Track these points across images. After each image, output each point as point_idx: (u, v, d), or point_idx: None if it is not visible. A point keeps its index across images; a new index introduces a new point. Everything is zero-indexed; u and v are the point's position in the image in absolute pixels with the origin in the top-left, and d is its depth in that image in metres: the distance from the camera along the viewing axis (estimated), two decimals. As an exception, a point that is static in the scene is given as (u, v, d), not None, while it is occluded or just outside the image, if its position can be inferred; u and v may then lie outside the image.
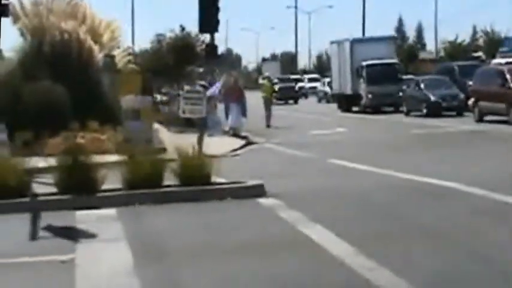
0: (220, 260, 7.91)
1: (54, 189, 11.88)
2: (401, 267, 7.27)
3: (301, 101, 58.62)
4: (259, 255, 8.05)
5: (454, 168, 14.91)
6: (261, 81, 38.08)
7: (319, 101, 56.88)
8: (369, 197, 11.79)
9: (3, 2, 19.01)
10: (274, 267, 7.58)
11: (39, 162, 12.27)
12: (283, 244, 8.62)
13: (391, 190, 12.31)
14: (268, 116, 31.66)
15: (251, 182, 12.33)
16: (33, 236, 9.63)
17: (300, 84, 66.36)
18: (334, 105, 43.79)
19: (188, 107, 16.80)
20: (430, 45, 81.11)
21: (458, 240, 8.42)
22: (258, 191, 11.94)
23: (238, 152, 20.67)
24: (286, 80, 63.00)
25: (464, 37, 75.36)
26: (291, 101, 57.07)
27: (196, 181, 12.00)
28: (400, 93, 35.89)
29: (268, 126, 30.66)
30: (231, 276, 7.33)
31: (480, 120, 27.92)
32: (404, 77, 40.12)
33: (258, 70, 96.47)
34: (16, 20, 23.52)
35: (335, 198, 11.85)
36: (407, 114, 34.17)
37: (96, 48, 24.09)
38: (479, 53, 57.19)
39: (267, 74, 41.56)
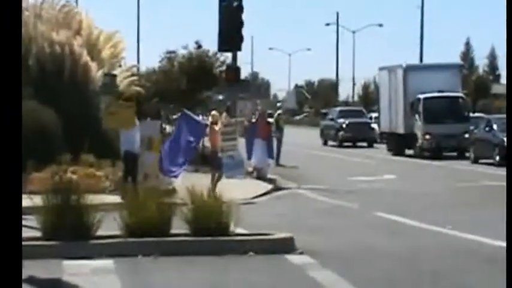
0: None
1: (38, 234, 12.19)
2: None
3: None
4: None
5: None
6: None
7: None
8: (420, 260, 12.00)
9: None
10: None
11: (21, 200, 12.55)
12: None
13: (446, 253, 12.54)
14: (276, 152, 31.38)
15: (278, 235, 12.56)
16: (13, 289, 9.90)
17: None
18: (382, 147, 43.95)
19: (226, 144, 17.56)
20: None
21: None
22: (287, 246, 12.17)
23: (264, 198, 20.94)
24: (355, 114, 52.53)
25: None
26: (363, 143, 48.79)
27: (211, 231, 12.24)
28: (466, 135, 35.91)
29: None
30: None
31: None
32: (472, 114, 40.21)
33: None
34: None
35: (379, 258, 12.05)
36: (474, 161, 34.04)
37: (93, 64, 24.56)
38: None
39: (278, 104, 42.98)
